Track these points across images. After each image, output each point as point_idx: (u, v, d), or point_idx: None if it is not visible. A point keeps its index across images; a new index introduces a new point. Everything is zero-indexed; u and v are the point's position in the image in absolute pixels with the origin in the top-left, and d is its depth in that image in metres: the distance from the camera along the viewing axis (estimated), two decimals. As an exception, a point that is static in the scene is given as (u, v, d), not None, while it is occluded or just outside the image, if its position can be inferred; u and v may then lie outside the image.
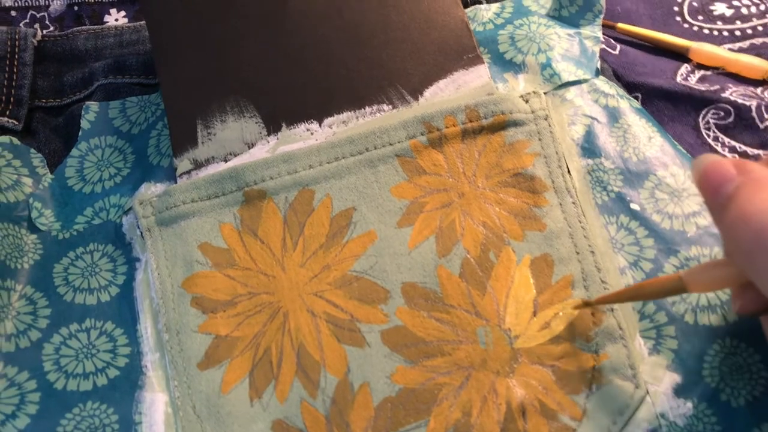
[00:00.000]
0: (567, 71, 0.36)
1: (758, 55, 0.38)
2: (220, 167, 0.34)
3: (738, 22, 0.40)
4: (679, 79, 0.37)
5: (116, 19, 0.43)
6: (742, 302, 0.26)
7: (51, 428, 0.30)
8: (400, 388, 0.30)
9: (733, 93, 0.36)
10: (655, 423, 0.28)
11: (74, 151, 0.36)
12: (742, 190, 0.23)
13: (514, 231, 0.32)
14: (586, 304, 0.30)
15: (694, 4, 0.41)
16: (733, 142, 0.35)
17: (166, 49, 0.36)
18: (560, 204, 0.33)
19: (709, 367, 0.29)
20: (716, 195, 0.24)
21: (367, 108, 0.35)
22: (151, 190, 0.35)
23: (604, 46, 0.38)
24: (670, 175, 0.33)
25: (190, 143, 0.35)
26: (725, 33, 0.39)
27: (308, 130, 0.35)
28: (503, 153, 0.34)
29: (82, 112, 0.37)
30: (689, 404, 0.28)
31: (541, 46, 0.36)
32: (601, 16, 0.37)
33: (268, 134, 0.35)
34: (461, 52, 0.36)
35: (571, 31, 0.37)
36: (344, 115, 0.35)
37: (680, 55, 0.39)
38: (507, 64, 0.37)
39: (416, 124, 0.34)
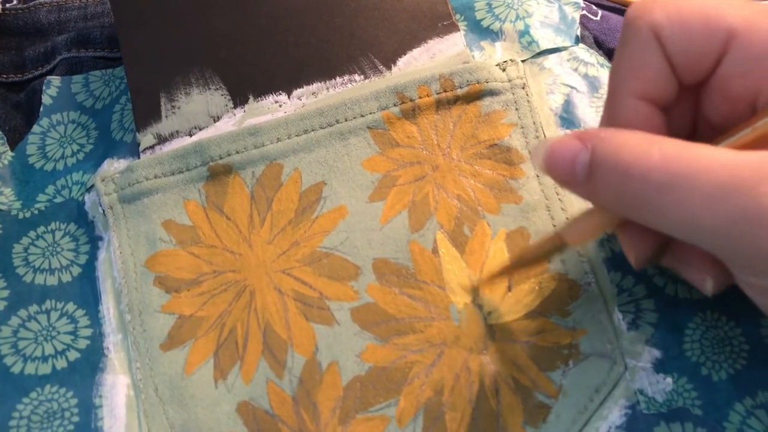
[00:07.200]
0: (546, 38, 0.35)
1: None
2: (185, 142, 0.33)
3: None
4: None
5: (82, -9, 0.41)
6: (636, 252, 0.25)
7: (6, 414, 0.29)
8: (369, 366, 0.29)
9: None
10: (633, 399, 0.27)
11: (36, 128, 0.35)
12: (600, 152, 0.23)
13: (490, 204, 0.31)
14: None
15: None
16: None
17: (128, 19, 0.35)
18: (537, 175, 0.32)
19: (689, 341, 0.28)
20: (573, 168, 0.23)
21: (337, 78, 0.34)
22: (114, 166, 0.33)
23: (584, 12, 0.37)
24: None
25: (154, 117, 0.33)
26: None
27: (276, 102, 0.33)
28: (479, 124, 0.33)
29: (44, 87, 0.36)
30: (669, 379, 0.27)
31: (519, 13, 0.35)
32: (582, -18, 0.36)
33: (235, 107, 0.33)
34: (436, 19, 0.35)
35: (551, -4, 0.36)
36: (314, 86, 0.34)
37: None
38: (484, 32, 0.35)
39: (389, 94, 0.33)
